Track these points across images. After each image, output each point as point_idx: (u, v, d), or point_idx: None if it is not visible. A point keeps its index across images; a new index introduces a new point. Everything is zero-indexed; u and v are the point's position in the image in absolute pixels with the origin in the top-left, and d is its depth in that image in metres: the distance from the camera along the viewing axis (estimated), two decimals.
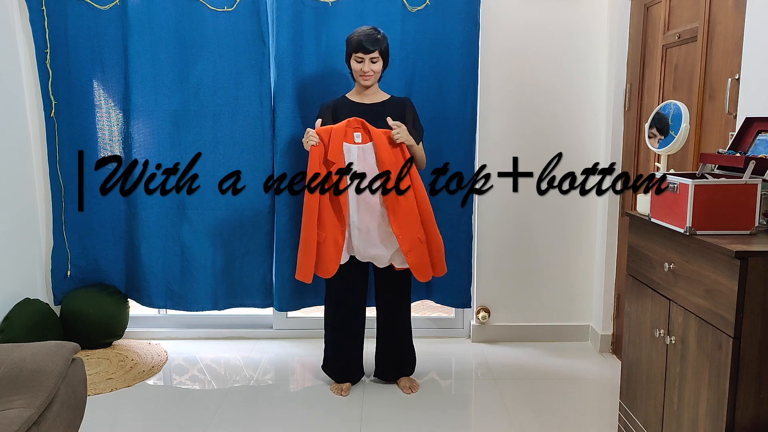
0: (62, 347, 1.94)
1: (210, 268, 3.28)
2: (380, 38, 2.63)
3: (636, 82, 2.93)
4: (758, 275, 1.45)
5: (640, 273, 2.00)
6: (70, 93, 3.16)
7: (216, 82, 3.13)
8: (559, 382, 2.92)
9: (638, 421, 2.05)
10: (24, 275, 3.13)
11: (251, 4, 3.06)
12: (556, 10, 3.15)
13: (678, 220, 1.68)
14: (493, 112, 3.23)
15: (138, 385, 2.90)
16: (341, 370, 2.85)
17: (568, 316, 3.40)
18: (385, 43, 2.66)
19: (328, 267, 2.67)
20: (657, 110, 2.02)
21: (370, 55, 2.60)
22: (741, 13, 2.06)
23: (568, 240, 3.33)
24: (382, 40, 2.64)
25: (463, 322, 3.51)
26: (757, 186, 1.60)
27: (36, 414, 1.70)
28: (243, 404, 2.71)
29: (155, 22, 3.08)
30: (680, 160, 2.48)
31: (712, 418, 1.58)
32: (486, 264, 3.35)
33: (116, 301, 3.28)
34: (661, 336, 1.85)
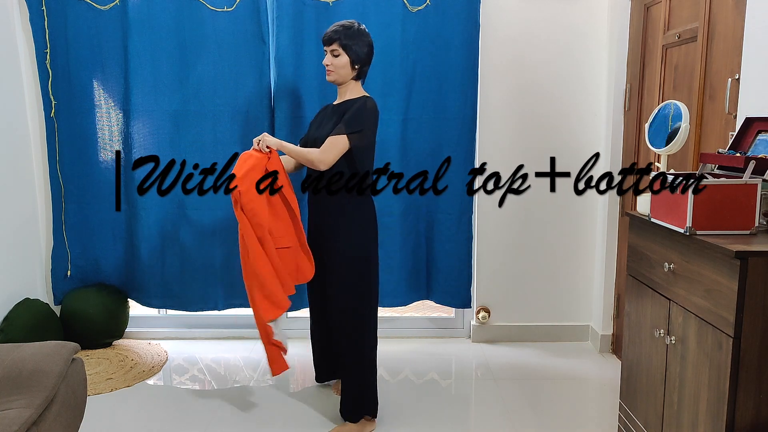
0: (62, 347, 1.94)
1: (210, 268, 3.28)
2: (340, 31, 2.36)
3: (636, 82, 2.93)
4: (758, 275, 1.45)
5: (640, 273, 2.00)
6: (70, 93, 3.16)
7: (216, 82, 3.13)
8: (559, 382, 2.92)
9: (638, 421, 2.05)
10: (24, 275, 3.13)
11: (251, 4, 3.06)
12: (556, 10, 3.15)
13: (678, 220, 1.68)
14: (493, 112, 3.23)
15: (138, 385, 2.89)
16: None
17: (568, 316, 3.40)
18: (347, 37, 2.36)
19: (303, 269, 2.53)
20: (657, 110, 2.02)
21: (330, 47, 2.38)
22: (741, 13, 2.06)
23: (568, 240, 3.33)
24: (343, 33, 2.35)
25: (463, 322, 3.51)
26: (757, 186, 1.60)
27: (36, 414, 1.70)
28: (243, 404, 2.71)
29: (155, 22, 3.08)
30: (680, 160, 2.48)
31: (712, 418, 1.58)
32: (486, 264, 3.35)
33: (116, 301, 3.28)
34: (661, 336, 1.85)
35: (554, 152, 3.25)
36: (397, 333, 3.49)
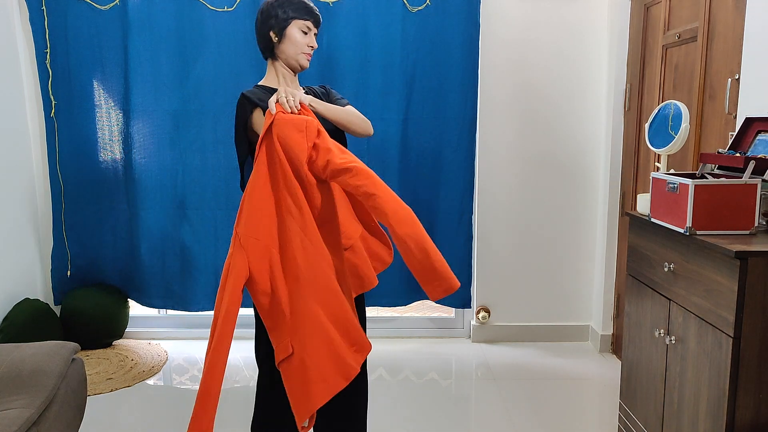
0: (62, 347, 1.94)
1: (210, 268, 3.28)
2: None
3: (636, 82, 2.93)
4: (758, 275, 1.45)
5: (640, 273, 2.00)
6: (70, 93, 3.17)
7: (216, 82, 3.13)
8: (559, 382, 2.92)
9: (638, 421, 2.05)
10: (24, 275, 3.13)
11: (251, 4, 3.06)
12: (556, 10, 3.15)
13: (678, 220, 1.68)
14: (493, 112, 3.23)
15: (138, 385, 2.89)
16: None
17: (568, 316, 3.40)
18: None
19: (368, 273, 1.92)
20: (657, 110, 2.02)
21: (317, 29, 1.93)
22: (741, 13, 2.06)
23: (568, 240, 3.33)
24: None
25: (463, 322, 3.51)
26: (757, 186, 1.60)
27: (36, 414, 1.70)
28: (243, 404, 2.71)
29: (155, 22, 3.08)
30: (680, 160, 2.48)
31: (712, 418, 1.58)
32: (486, 264, 3.35)
33: (116, 301, 3.28)
34: (661, 336, 1.85)
35: (554, 152, 3.25)
36: (397, 333, 3.49)
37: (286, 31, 1.86)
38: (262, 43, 1.91)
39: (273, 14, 1.85)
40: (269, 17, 1.85)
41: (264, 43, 1.90)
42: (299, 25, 1.86)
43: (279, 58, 1.91)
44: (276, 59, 1.92)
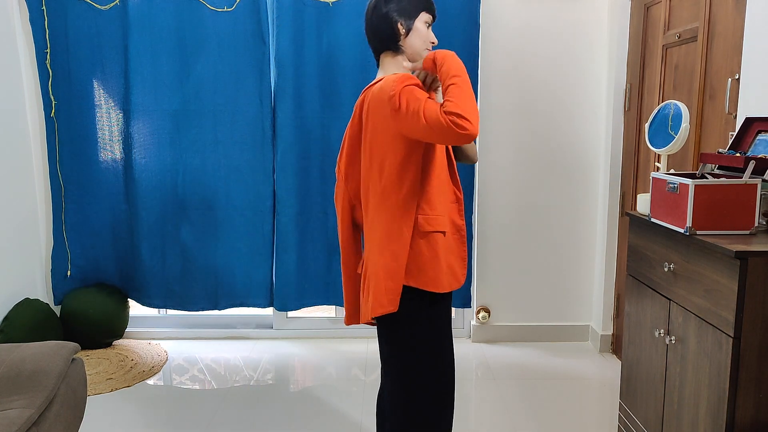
0: (62, 347, 1.94)
1: (210, 268, 3.28)
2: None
3: (636, 82, 2.93)
4: (758, 275, 1.45)
5: (640, 273, 2.00)
6: (70, 93, 3.17)
7: (216, 82, 3.13)
8: (559, 382, 2.92)
9: (638, 421, 2.05)
10: (24, 275, 3.13)
11: (251, 4, 3.06)
12: (556, 11, 3.15)
13: (678, 220, 1.68)
14: (493, 112, 3.23)
15: (138, 385, 2.90)
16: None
17: (568, 316, 3.40)
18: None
19: (452, 273, 1.74)
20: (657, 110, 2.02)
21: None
22: (741, 13, 2.06)
23: (568, 240, 3.33)
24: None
25: (463, 322, 3.51)
26: (757, 186, 1.60)
27: (36, 414, 1.70)
28: (243, 404, 2.71)
29: (155, 22, 3.08)
30: (680, 160, 2.48)
31: (712, 418, 1.58)
32: (486, 264, 3.35)
33: (116, 301, 3.28)
34: (661, 336, 1.85)
35: (554, 152, 3.25)
36: None
37: (415, 23, 1.73)
38: (386, 32, 1.72)
39: (403, 3, 1.71)
40: (399, 6, 1.71)
41: (388, 33, 1.72)
42: (425, 18, 1.75)
43: (404, 53, 1.76)
44: (398, 52, 1.75)
